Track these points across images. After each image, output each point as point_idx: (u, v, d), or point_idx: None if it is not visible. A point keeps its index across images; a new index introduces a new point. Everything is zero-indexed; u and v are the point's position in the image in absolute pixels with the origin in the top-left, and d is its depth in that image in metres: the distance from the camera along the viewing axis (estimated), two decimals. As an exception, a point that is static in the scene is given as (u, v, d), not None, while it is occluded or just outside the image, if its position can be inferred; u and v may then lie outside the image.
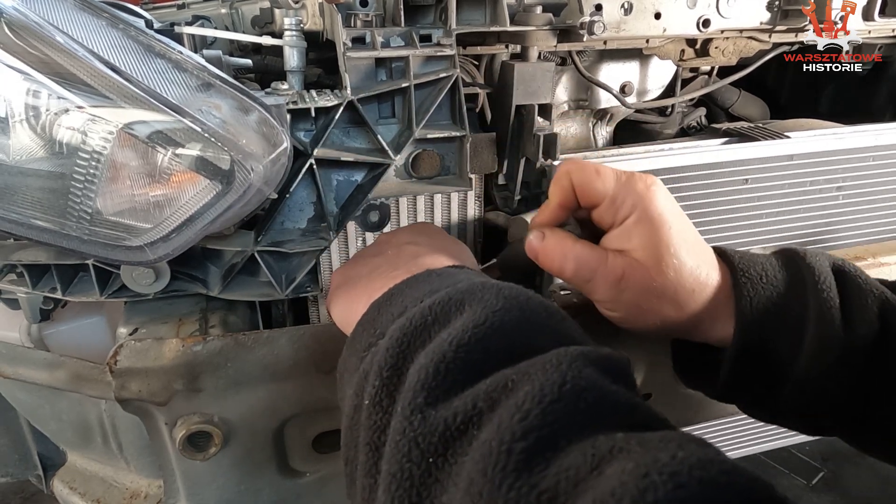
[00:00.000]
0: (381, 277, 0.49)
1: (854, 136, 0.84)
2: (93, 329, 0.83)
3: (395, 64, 0.66)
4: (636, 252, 0.49)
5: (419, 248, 0.53)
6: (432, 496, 0.30)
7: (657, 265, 0.48)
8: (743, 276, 0.50)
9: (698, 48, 0.86)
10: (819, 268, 0.50)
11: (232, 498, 0.72)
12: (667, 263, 0.48)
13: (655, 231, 0.48)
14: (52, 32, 0.46)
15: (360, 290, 0.49)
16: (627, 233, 0.49)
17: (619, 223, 0.50)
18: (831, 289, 0.49)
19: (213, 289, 0.67)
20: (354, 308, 0.47)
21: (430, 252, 0.52)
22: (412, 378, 0.33)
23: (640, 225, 0.49)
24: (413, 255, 0.51)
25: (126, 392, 0.61)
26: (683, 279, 0.49)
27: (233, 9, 0.93)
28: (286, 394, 0.66)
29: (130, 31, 0.53)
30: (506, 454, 0.27)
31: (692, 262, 0.49)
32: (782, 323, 0.49)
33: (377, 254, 0.54)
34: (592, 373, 0.31)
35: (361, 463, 0.35)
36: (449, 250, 0.53)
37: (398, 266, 0.49)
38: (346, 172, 0.69)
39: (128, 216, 0.52)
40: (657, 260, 0.48)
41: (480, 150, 0.70)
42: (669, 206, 0.50)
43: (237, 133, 0.52)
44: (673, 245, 0.48)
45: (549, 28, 0.69)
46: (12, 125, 0.48)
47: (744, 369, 0.50)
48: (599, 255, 0.50)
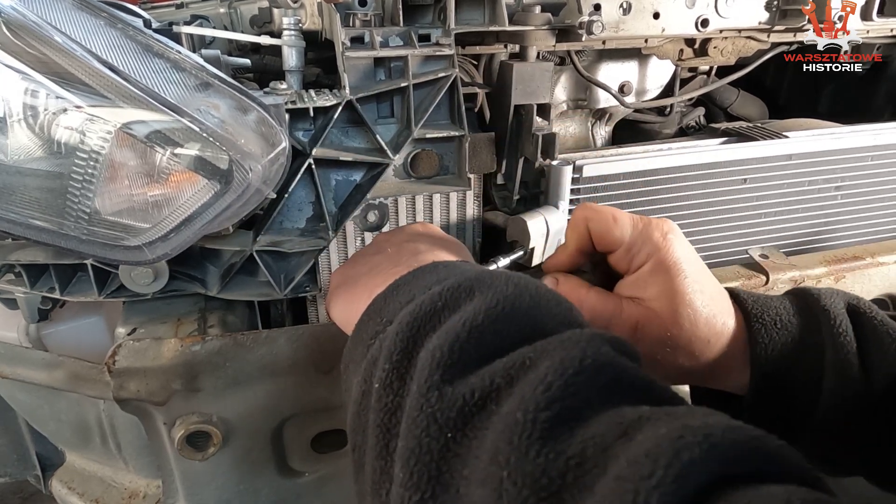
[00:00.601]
0: (383, 274, 0.48)
1: (852, 135, 0.84)
2: (91, 329, 0.83)
3: (394, 63, 0.66)
4: (651, 302, 0.48)
5: (419, 245, 0.53)
6: (452, 469, 0.30)
7: (672, 315, 0.48)
8: (757, 323, 0.49)
9: (697, 48, 0.86)
10: (835, 311, 0.49)
11: (231, 498, 0.72)
12: (682, 314, 0.47)
13: (671, 280, 0.48)
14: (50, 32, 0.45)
15: (360, 288, 0.49)
16: (643, 282, 0.49)
17: (635, 270, 0.50)
18: (848, 333, 0.48)
19: (211, 289, 0.67)
20: (356, 306, 0.47)
21: (431, 249, 0.52)
22: (425, 358, 0.33)
23: (655, 274, 0.48)
24: (413, 252, 0.51)
25: (124, 392, 0.60)
26: (699, 330, 0.48)
27: (231, 8, 0.93)
28: (285, 393, 0.66)
29: (129, 31, 0.53)
30: (531, 423, 0.27)
31: (708, 311, 0.48)
32: (799, 371, 0.48)
33: (376, 252, 0.54)
34: (610, 350, 0.31)
35: (371, 446, 0.34)
36: (449, 248, 0.53)
37: (399, 262, 0.49)
38: (344, 172, 0.68)
39: (126, 216, 0.52)
40: (672, 310, 0.48)
41: (479, 149, 0.70)
42: (686, 255, 0.49)
43: (236, 133, 0.52)
44: (688, 295, 0.48)
45: (547, 28, 0.69)
46: (10, 125, 0.48)
47: (761, 417, 0.50)
48: (615, 304, 0.49)
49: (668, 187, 0.79)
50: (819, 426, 0.48)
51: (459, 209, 0.74)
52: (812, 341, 0.49)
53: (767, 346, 0.48)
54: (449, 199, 0.73)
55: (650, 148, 0.81)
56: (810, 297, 0.51)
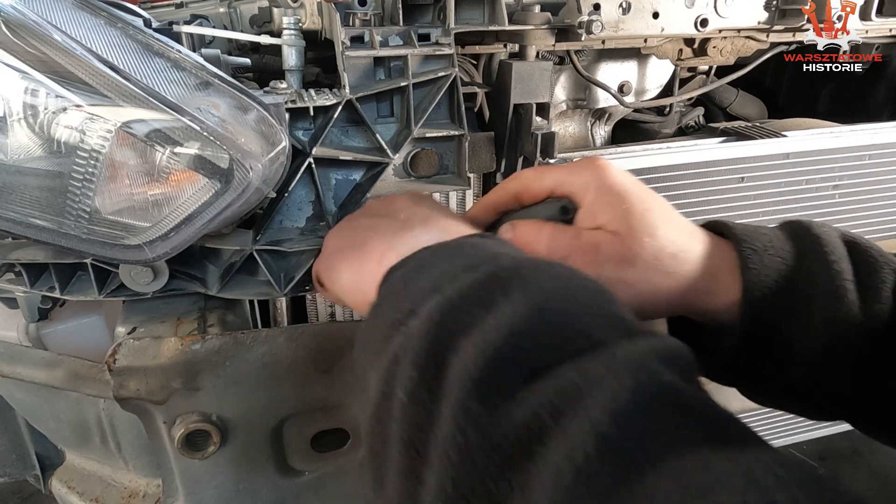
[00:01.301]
0: (394, 237, 0.45)
1: (850, 134, 0.84)
2: (91, 328, 0.83)
3: (394, 63, 0.66)
4: (607, 225, 0.48)
5: (429, 211, 0.50)
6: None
7: (628, 231, 0.47)
8: (747, 248, 0.47)
9: (696, 48, 0.86)
10: (828, 239, 0.47)
11: (230, 497, 0.72)
12: (636, 228, 0.47)
13: (618, 201, 0.48)
14: (50, 31, 0.46)
15: (367, 255, 0.45)
16: (591, 210, 0.49)
17: (582, 206, 0.50)
18: (842, 260, 0.46)
19: (211, 288, 0.67)
20: (366, 275, 0.44)
21: (444, 216, 0.49)
22: (459, 373, 0.30)
23: (599, 198, 0.48)
24: (425, 217, 0.49)
25: (124, 391, 0.61)
26: (660, 241, 0.47)
27: (231, 8, 0.93)
28: (285, 392, 0.66)
29: (129, 30, 0.53)
30: (585, 482, 0.24)
31: (663, 223, 0.48)
32: (791, 297, 0.46)
33: (376, 214, 0.51)
34: (665, 373, 0.29)
35: (396, 462, 0.32)
36: (458, 219, 0.51)
37: (411, 226, 0.46)
38: (344, 171, 0.69)
39: (126, 215, 0.52)
40: (627, 227, 0.47)
41: (479, 149, 0.70)
42: (624, 178, 0.49)
43: (236, 132, 0.52)
44: (637, 210, 0.47)
45: (547, 27, 0.69)
46: (10, 124, 0.48)
47: (750, 348, 0.48)
48: (572, 234, 0.49)
49: (666, 185, 0.79)
50: (808, 359, 0.46)
51: (459, 208, 0.74)
52: (805, 267, 0.46)
53: (759, 271, 0.46)
54: (449, 198, 0.73)
55: (649, 147, 0.81)
56: (801, 226, 0.49)
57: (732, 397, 0.64)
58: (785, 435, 1.11)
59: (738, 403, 0.92)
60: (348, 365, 0.68)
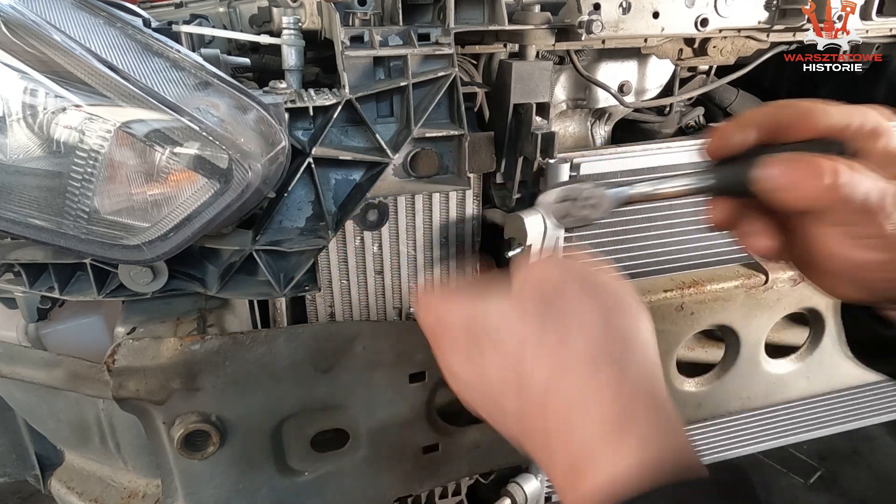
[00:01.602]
0: (594, 402, 0.34)
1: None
2: (90, 328, 0.83)
3: (394, 63, 0.66)
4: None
5: (591, 351, 0.37)
6: None
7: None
8: None
9: (696, 47, 0.86)
10: None
11: (230, 497, 0.72)
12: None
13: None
14: (49, 31, 0.45)
15: (551, 416, 0.36)
16: (887, 160, 0.40)
17: (871, 155, 0.40)
18: None
19: (211, 288, 0.67)
20: (551, 455, 0.36)
21: (620, 378, 0.36)
22: None
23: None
24: (622, 352, 0.36)
25: (124, 391, 0.60)
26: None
27: (231, 7, 0.93)
28: (284, 393, 0.66)
29: (128, 30, 0.53)
30: None
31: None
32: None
33: (550, 328, 0.38)
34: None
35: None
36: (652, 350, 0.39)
37: (611, 374, 0.35)
38: (344, 171, 0.69)
39: (125, 215, 0.52)
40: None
41: (479, 148, 0.70)
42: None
43: (235, 132, 0.52)
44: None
45: (547, 27, 0.69)
46: (9, 124, 0.48)
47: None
48: (875, 177, 0.39)
49: (668, 187, 0.79)
50: None
51: (459, 208, 0.74)
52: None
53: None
54: (448, 198, 0.73)
55: (649, 147, 0.81)
56: None
57: (733, 397, 0.64)
58: (785, 435, 1.11)
59: (738, 403, 0.91)
60: (348, 365, 0.68)
